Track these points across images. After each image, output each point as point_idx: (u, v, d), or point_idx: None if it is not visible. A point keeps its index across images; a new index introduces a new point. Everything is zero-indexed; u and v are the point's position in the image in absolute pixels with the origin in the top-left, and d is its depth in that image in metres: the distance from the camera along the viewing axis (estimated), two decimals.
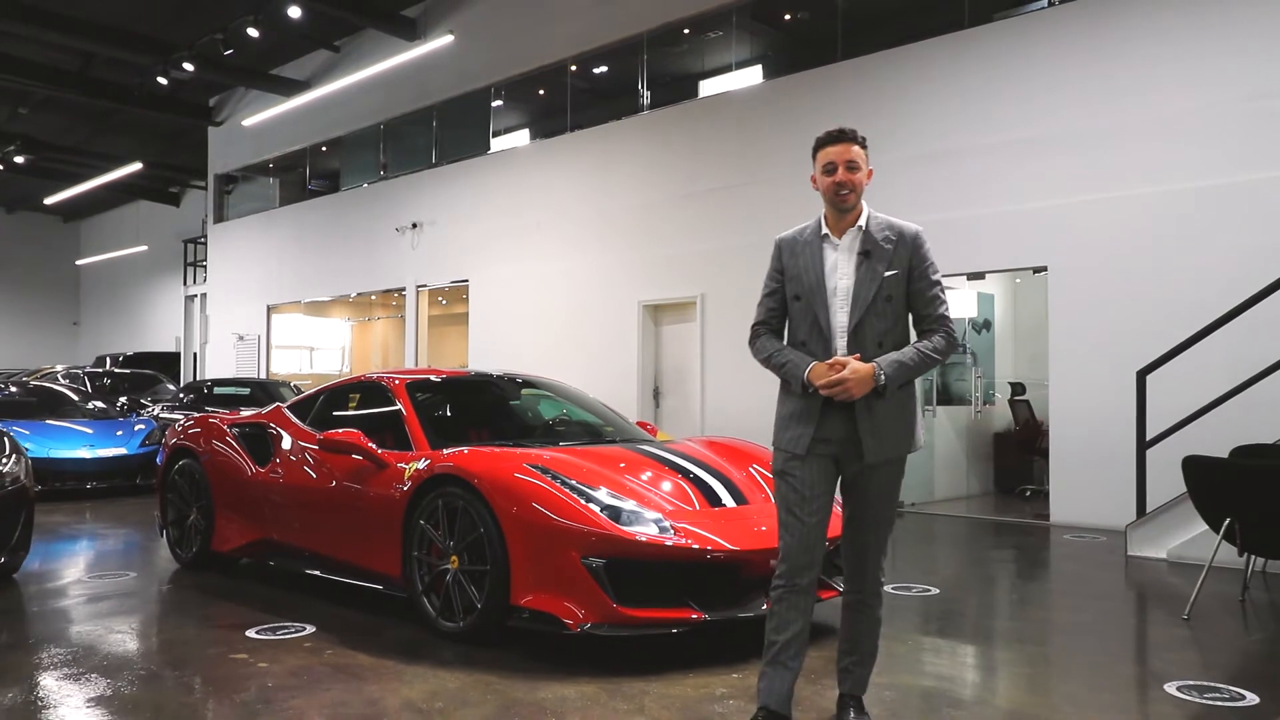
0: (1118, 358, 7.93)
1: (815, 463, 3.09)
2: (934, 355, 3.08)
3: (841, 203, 3.13)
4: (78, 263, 31.62)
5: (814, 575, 3.11)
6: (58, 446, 10.19)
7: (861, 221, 3.16)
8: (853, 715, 3.24)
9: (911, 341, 3.13)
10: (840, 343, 3.08)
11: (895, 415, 3.09)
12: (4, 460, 5.68)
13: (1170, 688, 3.82)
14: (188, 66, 14.94)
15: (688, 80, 12.43)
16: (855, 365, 2.99)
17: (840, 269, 3.13)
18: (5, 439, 6.00)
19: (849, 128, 3.19)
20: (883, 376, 2.98)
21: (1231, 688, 3.80)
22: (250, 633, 4.57)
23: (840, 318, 3.09)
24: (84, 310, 32.39)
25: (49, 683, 3.86)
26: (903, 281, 3.12)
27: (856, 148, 3.15)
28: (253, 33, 13.52)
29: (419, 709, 3.52)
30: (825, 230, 3.19)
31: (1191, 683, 3.87)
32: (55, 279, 31.76)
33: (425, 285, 15.14)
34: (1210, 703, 3.65)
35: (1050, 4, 8.96)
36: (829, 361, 3.04)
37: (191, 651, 4.30)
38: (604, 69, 13.17)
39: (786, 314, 3.26)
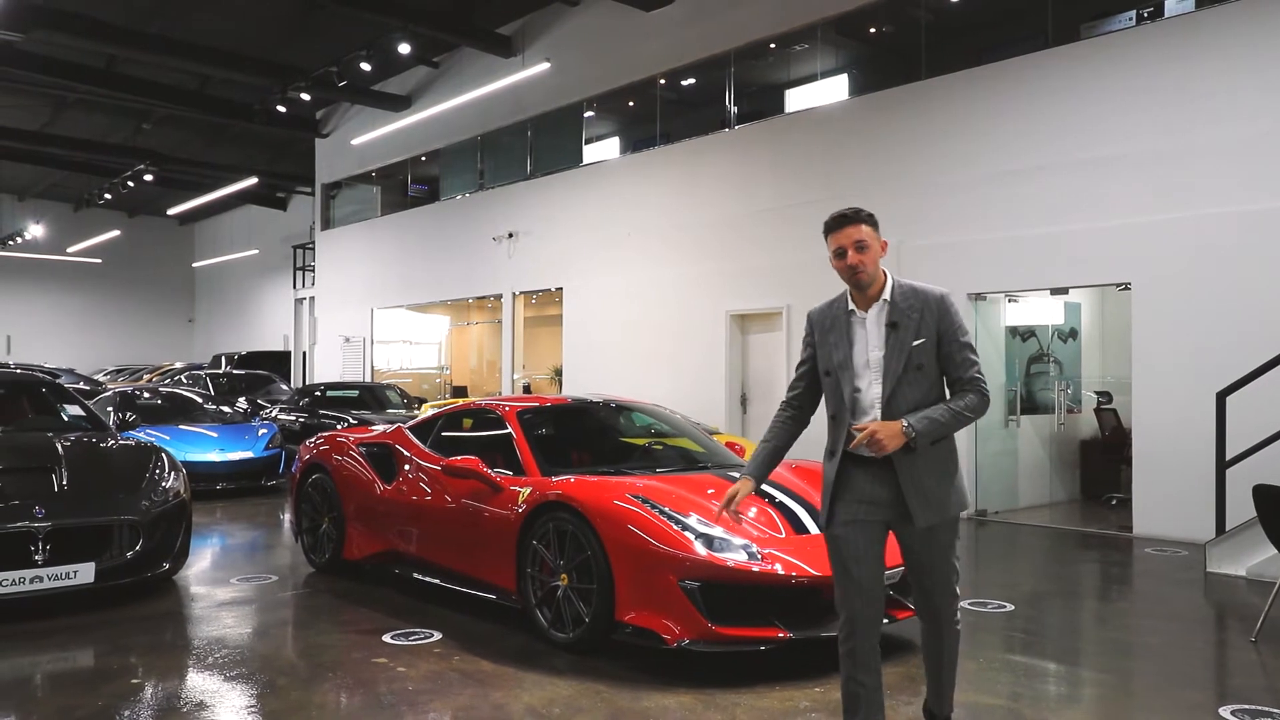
0: (1200, 374, 8.05)
1: (861, 528, 3.21)
2: (966, 414, 3.18)
3: (857, 281, 3.25)
4: (193, 265, 33.54)
5: (877, 633, 3.25)
6: (191, 450, 11.00)
7: (886, 293, 3.26)
8: None
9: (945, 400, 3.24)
10: (875, 414, 3.19)
11: (938, 476, 3.19)
12: (167, 476, 6.42)
13: (1225, 711, 4.11)
14: (305, 96, 15.97)
15: (773, 90, 12.75)
16: (881, 422, 3.12)
17: (870, 342, 3.23)
18: (165, 456, 6.74)
19: (852, 209, 3.31)
20: (912, 430, 3.09)
21: None
22: (386, 638, 5.19)
23: (875, 389, 3.19)
24: (198, 309, 34.38)
25: (215, 680, 4.52)
26: (932, 348, 3.20)
27: (865, 227, 3.25)
28: (365, 67, 14.42)
29: (539, 713, 4.06)
30: (852, 306, 3.31)
31: (1246, 706, 4.16)
32: (172, 279, 33.79)
33: (520, 292, 15.82)
34: None
35: (1138, 21, 9.05)
36: (854, 427, 3.20)
37: (340, 655, 4.93)
38: (692, 81, 13.60)
39: (812, 390, 3.46)
